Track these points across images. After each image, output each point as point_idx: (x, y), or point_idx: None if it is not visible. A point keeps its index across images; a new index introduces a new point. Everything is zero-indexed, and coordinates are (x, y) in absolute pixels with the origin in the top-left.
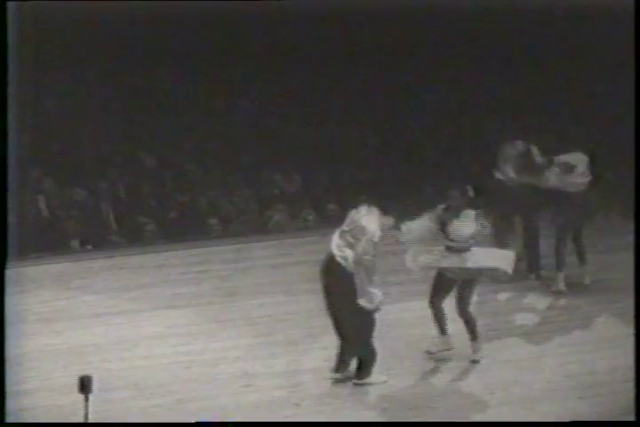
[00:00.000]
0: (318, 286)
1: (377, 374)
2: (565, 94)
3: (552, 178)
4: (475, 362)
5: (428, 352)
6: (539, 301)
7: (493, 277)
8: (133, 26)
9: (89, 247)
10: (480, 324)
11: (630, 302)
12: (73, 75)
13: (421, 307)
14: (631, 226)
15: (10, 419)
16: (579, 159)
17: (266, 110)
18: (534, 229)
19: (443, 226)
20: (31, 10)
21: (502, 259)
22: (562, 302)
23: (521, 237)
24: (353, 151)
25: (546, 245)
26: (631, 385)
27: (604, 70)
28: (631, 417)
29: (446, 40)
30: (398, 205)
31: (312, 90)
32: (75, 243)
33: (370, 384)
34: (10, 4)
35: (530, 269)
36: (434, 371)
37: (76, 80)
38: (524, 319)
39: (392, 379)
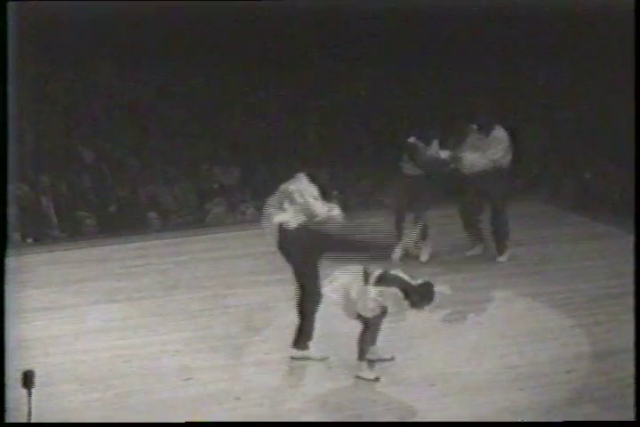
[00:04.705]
0: (257, 279)
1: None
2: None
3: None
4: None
5: None
6: (475, 293)
7: None
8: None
9: (30, 241)
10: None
11: (571, 293)
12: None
13: None
14: (574, 218)
15: None
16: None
17: (204, 103)
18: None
19: None
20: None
21: None
22: (500, 293)
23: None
24: (292, 145)
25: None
26: (571, 376)
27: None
28: (571, 409)
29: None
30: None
31: (250, 83)
32: (16, 236)
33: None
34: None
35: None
36: (372, 363)
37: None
38: (463, 311)
39: (331, 373)
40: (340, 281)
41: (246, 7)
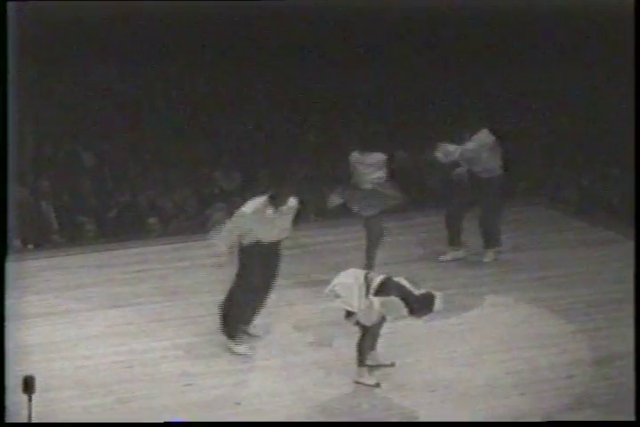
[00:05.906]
0: None
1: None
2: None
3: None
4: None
5: None
6: (476, 299)
7: None
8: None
9: (30, 247)
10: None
11: (571, 299)
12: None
13: None
14: (575, 223)
15: None
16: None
17: (204, 107)
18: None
19: None
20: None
21: None
22: (501, 298)
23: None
24: (292, 148)
25: None
26: (572, 381)
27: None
28: (571, 414)
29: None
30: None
31: (249, 87)
32: (16, 242)
33: None
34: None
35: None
36: (373, 369)
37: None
38: (463, 316)
39: (331, 379)
40: (342, 286)
41: (247, 9)
